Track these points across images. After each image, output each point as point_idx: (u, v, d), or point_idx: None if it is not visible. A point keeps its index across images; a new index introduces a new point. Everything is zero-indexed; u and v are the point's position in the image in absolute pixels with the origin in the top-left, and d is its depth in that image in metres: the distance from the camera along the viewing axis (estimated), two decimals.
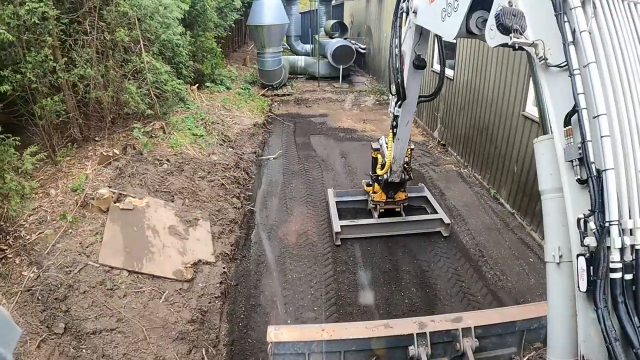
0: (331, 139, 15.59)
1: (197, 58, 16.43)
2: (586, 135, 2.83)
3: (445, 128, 14.46)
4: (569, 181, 3.03)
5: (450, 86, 13.67)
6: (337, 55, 22.80)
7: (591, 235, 2.78)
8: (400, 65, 6.75)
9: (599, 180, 2.77)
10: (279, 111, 19.41)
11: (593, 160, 2.81)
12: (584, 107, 2.85)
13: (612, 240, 2.69)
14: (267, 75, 21.11)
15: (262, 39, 20.08)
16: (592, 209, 2.79)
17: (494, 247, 9.07)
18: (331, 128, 16.89)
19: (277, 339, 4.63)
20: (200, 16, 16.25)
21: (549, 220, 3.36)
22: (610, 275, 2.71)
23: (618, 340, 2.63)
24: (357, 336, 4.72)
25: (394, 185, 8.95)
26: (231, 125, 14.10)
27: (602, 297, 2.72)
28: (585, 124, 2.84)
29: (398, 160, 8.35)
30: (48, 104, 8.29)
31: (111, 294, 6.29)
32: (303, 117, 18.54)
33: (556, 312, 3.35)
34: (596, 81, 2.81)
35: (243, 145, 13.25)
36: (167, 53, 13.06)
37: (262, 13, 19.72)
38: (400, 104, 7.25)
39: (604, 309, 2.70)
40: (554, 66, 3.08)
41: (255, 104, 18.13)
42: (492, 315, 5.28)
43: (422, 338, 4.69)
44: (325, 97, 21.23)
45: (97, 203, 7.57)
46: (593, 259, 2.78)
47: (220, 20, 20.41)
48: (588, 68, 2.83)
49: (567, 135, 3.02)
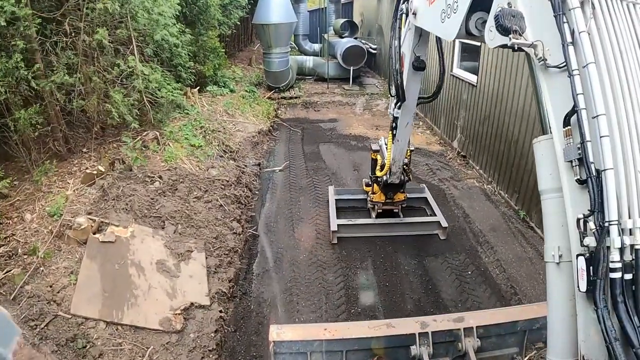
0: (342, 147, 14.46)
1: (199, 59, 15.34)
2: (585, 136, 2.85)
3: (466, 138, 13.29)
4: (568, 181, 3.04)
5: (473, 93, 12.49)
6: (348, 56, 21.63)
7: (591, 235, 2.80)
8: (399, 67, 6.71)
9: (598, 180, 2.79)
10: (286, 115, 18.30)
11: (592, 161, 2.82)
12: (583, 107, 2.86)
13: (612, 240, 2.70)
14: (273, 76, 19.98)
15: (269, 39, 18.95)
16: (592, 209, 2.80)
17: (527, 281, 7.96)
18: (342, 135, 15.75)
19: (280, 337, 4.54)
20: (203, 14, 15.15)
21: (549, 220, 3.39)
22: (610, 275, 2.72)
23: (618, 340, 2.63)
24: (359, 335, 4.68)
25: (393, 186, 8.95)
26: (233, 133, 13.01)
27: (601, 297, 2.73)
28: (585, 124, 2.85)
29: (397, 162, 8.29)
30: (22, 116, 7.25)
31: (84, 354, 5.21)
32: (311, 122, 17.41)
33: (556, 312, 3.37)
34: (595, 81, 2.82)
35: (246, 156, 12.16)
36: (164, 54, 12.01)
37: (268, 11, 18.58)
38: (399, 105, 7.21)
39: (604, 308, 2.71)
40: (553, 67, 3.08)
41: (261, 108, 17.02)
42: (494, 315, 5.24)
43: (424, 338, 4.66)
44: (335, 101, 20.09)
45: (74, 234, 6.51)
46: (593, 259, 2.79)
47: (224, 18, 19.33)
48: (587, 68, 2.84)
49: (566, 136, 3.03)
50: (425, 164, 13.19)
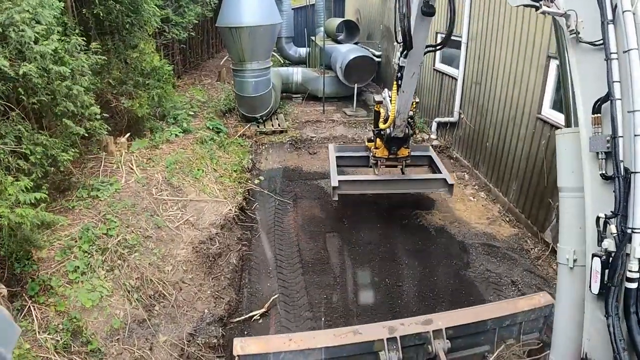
0: (366, 241, 8.63)
1: (126, 89, 9.27)
2: (617, 130, 2.67)
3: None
4: (591, 174, 2.90)
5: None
6: (352, 70, 15.76)
7: (610, 238, 2.69)
8: (407, 11, 6.10)
9: (626, 181, 2.63)
10: (267, 164, 12.29)
11: (622, 159, 2.67)
12: (618, 97, 2.66)
13: (633, 249, 2.58)
14: (248, 103, 13.89)
15: (240, 49, 12.83)
16: (615, 212, 2.67)
17: None
18: (361, 205, 9.90)
19: (244, 351, 4.35)
20: (130, 15, 9.09)
21: (566, 220, 3.31)
22: (625, 284, 2.62)
23: (626, 350, 2.58)
24: (325, 345, 4.48)
25: (398, 140, 8.47)
26: (174, 238, 7.05)
27: (614, 304, 2.66)
28: (618, 116, 2.66)
29: (402, 114, 7.82)
30: None
31: None
32: (306, 178, 11.43)
33: (563, 315, 3.35)
34: (637, 71, 2.57)
35: (194, 300, 6.20)
36: (35, 98, 6.10)
37: (239, 8, 12.46)
38: (405, 53, 6.71)
39: (615, 317, 2.64)
40: (587, 43, 2.88)
41: (229, 161, 11.00)
42: (463, 316, 5.00)
43: (393, 343, 4.49)
44: (337, 135, 14.18)
45: None
46: (610, 264, 2.69)
47: (177, 17, 13.26)
48: (629, 54, 2.61)
49: (594, 124, 2.85)
50: (485, 269, 7.69)
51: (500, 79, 9.78)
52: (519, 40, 8.91)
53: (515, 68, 9.09)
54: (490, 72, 10.23)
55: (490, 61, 10.19)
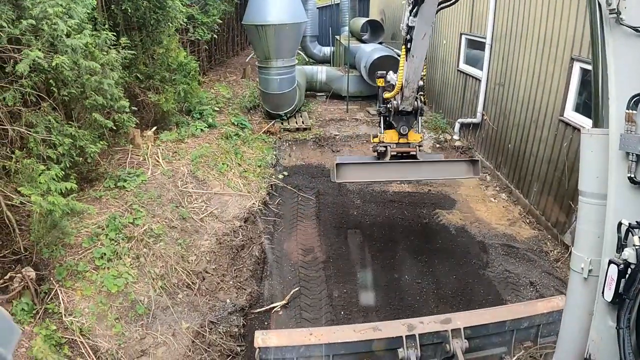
0: (386, 238, 8.59)
1: (153, 84, 9.46)
2: None
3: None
4: (617, 175, 2.69)
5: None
6: (376, 69, 15.65)
7: (632, 248, 2.52)
8: None
9: None
10: (290, 161, 12.36)
11: None
12: None
13: None
14: (273, 100, 14.03)
15: (266, 47, 12.98)
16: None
17: None
18: (382, 202, 9.87)
19: (265, 344, 4.40)
20: (157, 11, 9.27)
21: (584, 226, 3.13)
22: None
23: None
24: (345, 340, 4.55)
25: (406, 116, 7.60)
26: (198, 229, 7.16)
27: (626, 317, 2.56)
28: None
29: (411, 83, 6.96)
30: None
31: None
32: (329, 174, 11.37)
33: (570, 322, 3.29)
34: None
35: (216, 290, 6.29)
36: (66, 90, 6.27)
37: (266, 6, 12.62)
38: (416, 10, 5.83)
39: (626, 329, 2.56)
40: (630, 27, 2.51)
41: (253, 156, 11.11)
42: (481, 316, 5.03)
43: (412, 340, 4.51)
44: (360, 133, 14.15)
45: None
46: (627, 276, 2.53)
47: (202, 16, 13.45)
48: None
49: (628, 121, 2.57)
50: (504, 270, 7.51)
51: (523, 81, 9.57)
52: (542, 42, 8.70)
53: (539, 70, 8.89)
54: (513, 73, 10.03)
55: (513, 63, 10.00)
